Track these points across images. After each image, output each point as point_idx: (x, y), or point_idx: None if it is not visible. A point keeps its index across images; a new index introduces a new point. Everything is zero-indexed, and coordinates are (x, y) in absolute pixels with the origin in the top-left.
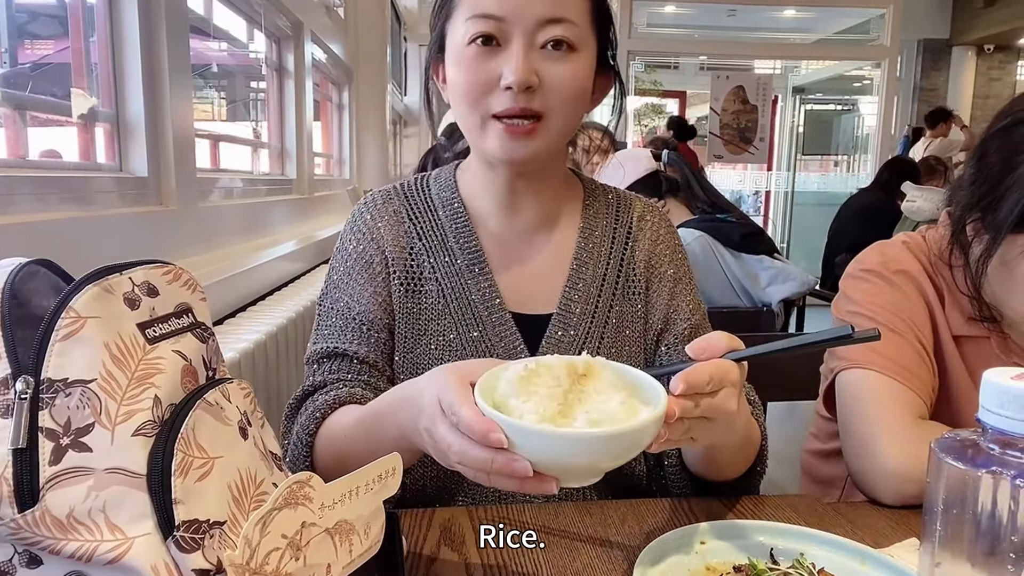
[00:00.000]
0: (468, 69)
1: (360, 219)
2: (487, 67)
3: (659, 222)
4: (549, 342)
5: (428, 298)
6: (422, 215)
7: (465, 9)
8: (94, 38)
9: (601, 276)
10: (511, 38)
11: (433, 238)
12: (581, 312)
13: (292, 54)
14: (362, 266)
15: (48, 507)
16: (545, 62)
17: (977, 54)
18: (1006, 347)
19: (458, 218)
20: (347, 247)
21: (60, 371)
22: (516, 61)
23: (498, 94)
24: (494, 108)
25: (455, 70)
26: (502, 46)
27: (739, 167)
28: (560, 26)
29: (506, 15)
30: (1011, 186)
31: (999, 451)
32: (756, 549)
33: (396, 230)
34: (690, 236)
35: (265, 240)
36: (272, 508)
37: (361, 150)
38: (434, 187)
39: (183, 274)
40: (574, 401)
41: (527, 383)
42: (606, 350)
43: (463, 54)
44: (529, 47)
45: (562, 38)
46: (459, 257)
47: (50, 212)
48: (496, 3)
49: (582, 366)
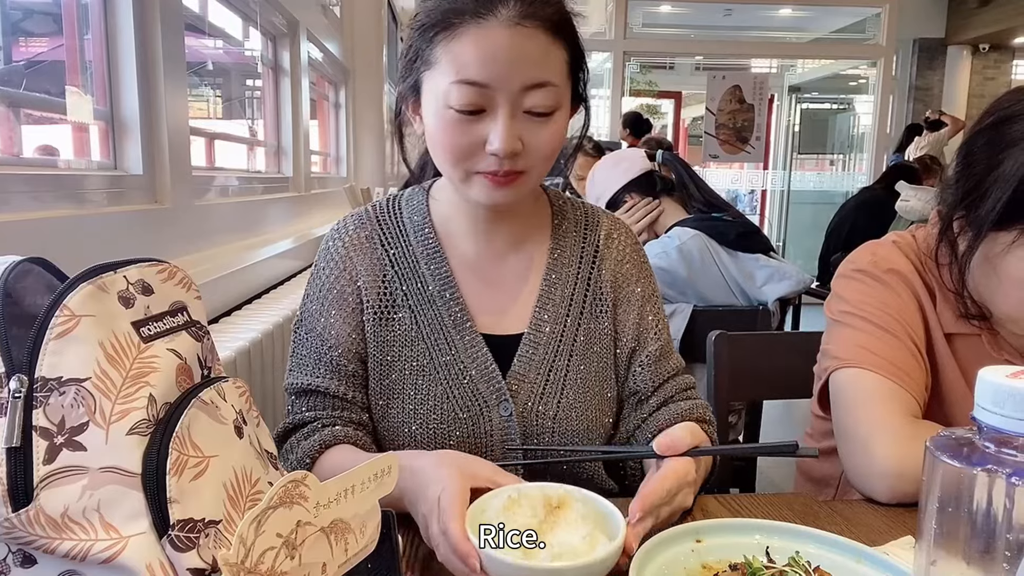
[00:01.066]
0: (452, 133)
1: (334, 248)
2: (471, 131)
3: (625, 240)
4: (520, 361)
5: (401, 325)
6: (394, 240)
7: (448, 69)
8: (89, 35)
9: (570, 296)
10: (496, 105)
11: (405, 264)
12: (551, 331)
13: (288, 52)
14: (335, 296)
15: (42, 506)
16: (528, 126)
17: (972, 53)
18: (997, 344)
19: (429, 243)
20: (321, 276)
21: (54, 370)
22: (502, 131)
23: (483, 156)
24: (478, 168)
25: (436, 127)
26: (486, 111)
27: (735, 166)
28: (543, 91)
29: (491, 83)
30: (993, 183)
31: (994, 449)
32: (752, 547)
33: (369, 258)
34: (686, 235)
35: (261, 238)
36: (267, 507)
37: (358, 148)
38: (405, 210)
39: (178, 272)
40: (547, 531)
41: (509, 511)
42: (575, 368)
43: (445, 116)
44: (513, 114)
45: (543, 108)
46: (430, 283)
47: (44, 210)
48: (482, 70)
49: (556, 499)
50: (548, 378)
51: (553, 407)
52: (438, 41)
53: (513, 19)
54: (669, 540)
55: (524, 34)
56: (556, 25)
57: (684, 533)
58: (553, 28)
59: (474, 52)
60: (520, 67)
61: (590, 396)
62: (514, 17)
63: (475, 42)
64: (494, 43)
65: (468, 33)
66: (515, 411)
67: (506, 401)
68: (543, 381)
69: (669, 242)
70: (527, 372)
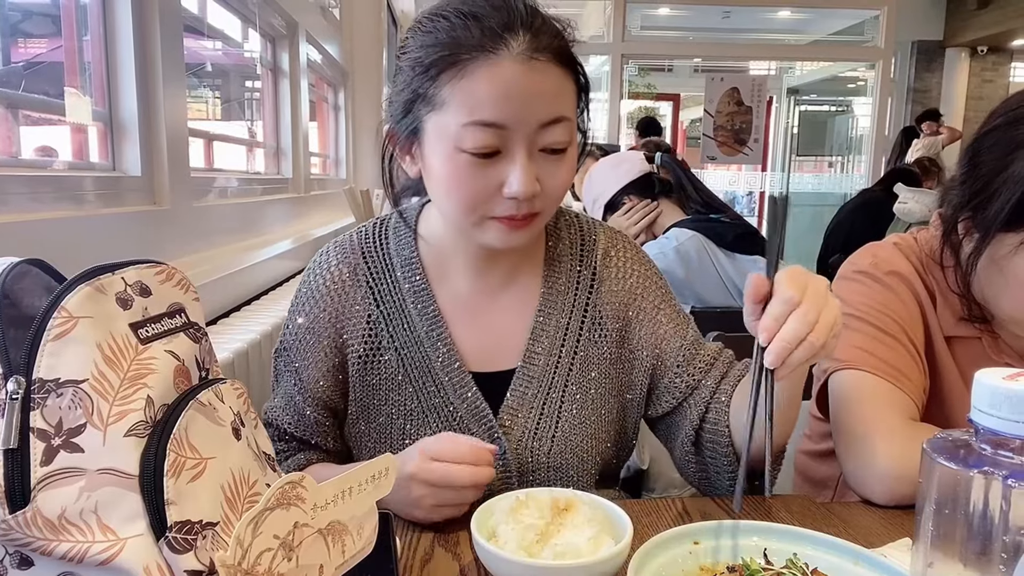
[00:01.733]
0: (465, 178)
1: (315, 285)
2: (486, 175)
3: (625, 254)
4: (513, 396)
5: (387, 368)
6: (379, 276)
7: (459, 111)
8: (87, 37)
9: (564, 325)
10: (512, 145)
11: (391, 303)
12: (544, 364)
13: (287, 54)
14: (312, 340)
15: (39, 508)
16: (544, 164)
17: (970, 56)
18: (997, 347)
19: (416, 280)
20: (301, 312)
21: (52, 371)
22: (522, 174)
23: (499, 200)
24: (494, 213)
25: (445, 172)
26: (501, 152)
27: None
28: (559, 127)
29: (508, 122)
30: (1002, 185)
31: (991, 451)
32: (750, 549)
33: (353, 296)
34: (683, 236)
35: (260, 239)
36: (264, 508)
37: (357, 150)
38: (392, 242)
39: (176, 274)
40: (553, 532)
41: (516, 512)
42: (570, 398)
43: (458, 160)
44: (531, 153)
45: (560, 144)
46: (418, 324)
47: (42, 211)
48: (497, 110)
49: (564, 501)
50: (542, 412)
51: (547, 442)
52: (444, 80)
53: (525, 53)
54: (666, 542)
55: (538, 68)
56: (566, 57)
57: (681, 535)
58: (564, 60)
59: (488, 90)
60: (536, 104)
61: (587, 423)
62: (526, 51)
63: (488, 79)
64: (508, 80)
65: (479, 70)
66: (509, 448)
67: (499, 439)
68: (537, 416)
69: (667, 243)
70: (520, 407)
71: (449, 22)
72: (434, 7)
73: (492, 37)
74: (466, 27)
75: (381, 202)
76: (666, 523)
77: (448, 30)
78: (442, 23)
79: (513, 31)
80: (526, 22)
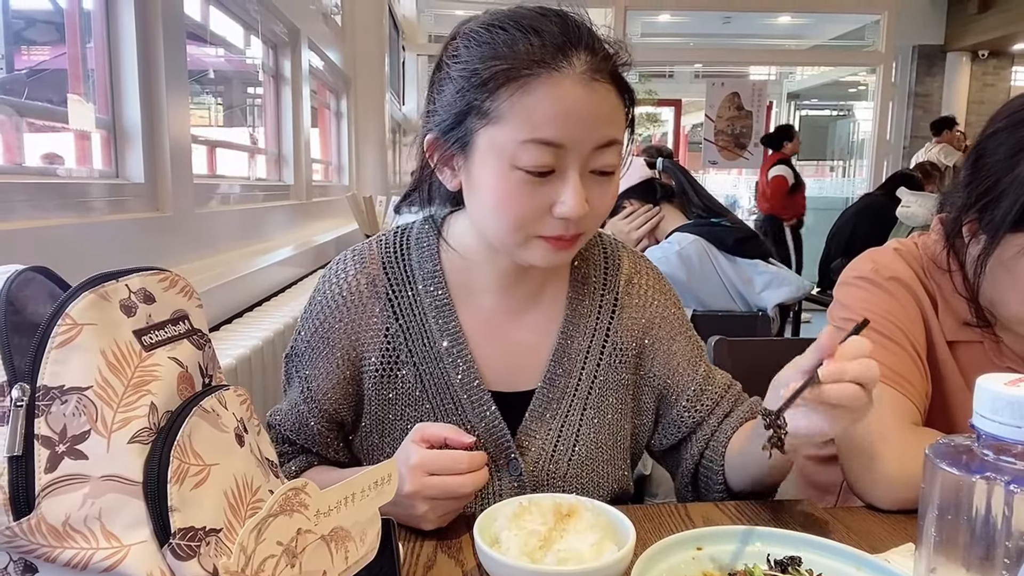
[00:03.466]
0: (519, 196)
1: (331, 295)
2: (538, 193)
3: (647, 283)
4: (532, 417)
5: (405, 384)
6: (400, 289)
7: (519, 127)
8: (91, 44)
9: (586, 349)
10: (566, 165)
11: (411, 318)
12: (564, 386)
13: (289, 61)
14: (325, 351)
15: (44, 515)
16: (592, 187)
17: (971, 60)
18: (999, 351)
19: (439, 295)
20: (315, 321)
21: (56, 378)
22: (575, 194)
23: (548, 220)
24: (542, 232)
25: (497, 188)
26: (555, 172)
27: (734, 172)
28: (611, 150)
29: (566, 142)
30: (1009, 186)
31: (993, 457)
32: (753, 555)
33: (371, 309)
34: (685, 240)
35: (262, 246)
36: (267, 515)
37: (360, 157)
38: (415, 253)
39: (179, 281)
40: (556, 538)
41: (519, 518)
42: (588, 422)
43: (512, 178)
44: (583, 175)
45: (611, 167)
46: (438, 339)
47: (46, 219)
48: (558, 129)
49: (566, 507)
50: (560, 434)
51: (564, 465)
52: (503, 94)
53: (587, 74)
54: (670, 548)
55: (599, 90)
56: (620, 79)
57: (685, 541)
58: (618, 83)
59: (550, 108)
60: (595, 126)
61: (604, 448)
62: (587, 72)
63: (551, 97)
64: (570, 100)
65: (542, 87)
66: (525, 469)
67: (515, 460)
68: (554, 438)
69: (669, 247)
70: (538, 429)
71: (508, 34)
72: (488, 18)
73: (555, 54)
74: (528, 41)
75: (384, 208)
76: (669, 529)
77: (508, 43)
78: (501, 35)
79: (575, 49)
80: (587, 42)
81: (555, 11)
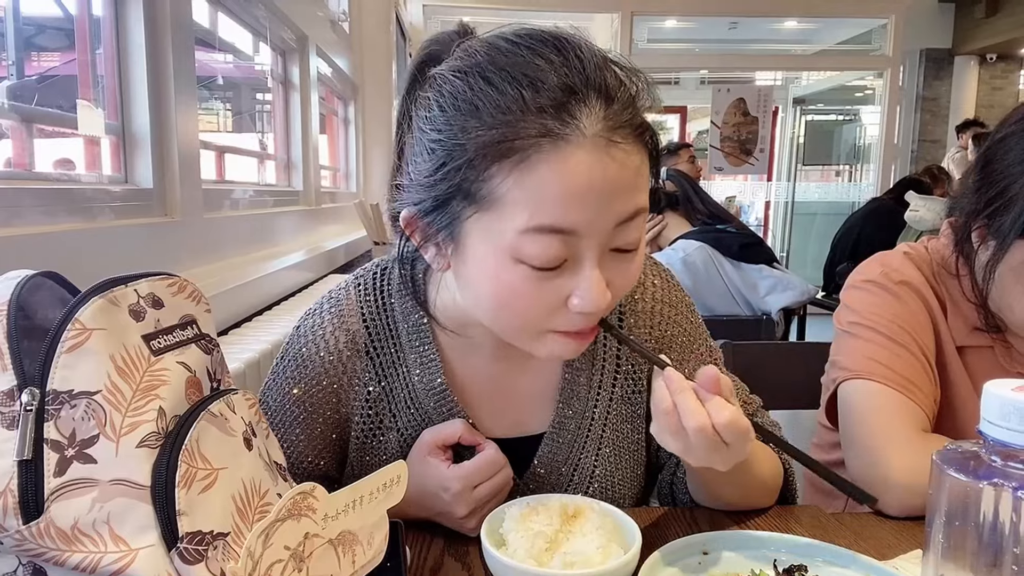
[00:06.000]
0: (524, 295)
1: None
2: (549, 288)
3: (654, 294)
4: (541, 462)
5: (387, 451)
6: (382, 345)
7: (518, 214)
8: (100, 50)
9: (597, 383)
10: (583, 253)
11: (394, 378)
12: (576, 428)
13: (297, 67)
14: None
15: (52, 519)
16: (614, 266)
17: (979, 64)
18: (1009, 357)
19: (426, 351)
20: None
21: (65, 383)
22: (594, 288)
23: (563, 313)
24: (555, 327)
25: (496, 287)
26: (568, 261)
27: (739, 178)
28: (635, 222)
29: (580, 228)
30: (1019, 192)
31: (1000, 463)
32: (759, 560)
33: (352, 368)
34: (690, 247)
35: (271, 251)
36: (275, 520)
37: (367, 163)
38: (398, 303)
39: (188, 286)
40: (562, 540)
41: (526, 519)
42: (604, 460)
43: (514, 274)
44: (602, 259)
45: (637, 243)
46: (423, 400)
47: (56, 224)
48: (571, 214)
49: (573, 508)
50: (572, 478)
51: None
52: (496, 173)
53: (602, 134)
54: (676, 552)
55: (617, 156)
56: (644, 127)
57: (691, 545)
58: (642, 134)
59: (557, 190)
60: (615, 200)
61: (622, 484)
62: (602, 131)
63: (557, 175)
64: (583, 175)
65: (546, 161)
66: None
67: None
68: (566, 481)
69: (674, 254)
70: (548, 474)
71: (496, 90)
72: (467, 61)
73: (558, 113)
74: (521, 100)
75: None
76: (675, 532)
77: (497, 105)
78: (487, 92)
79: (584, 101)
80: (598, 84)
81: (553, 41)
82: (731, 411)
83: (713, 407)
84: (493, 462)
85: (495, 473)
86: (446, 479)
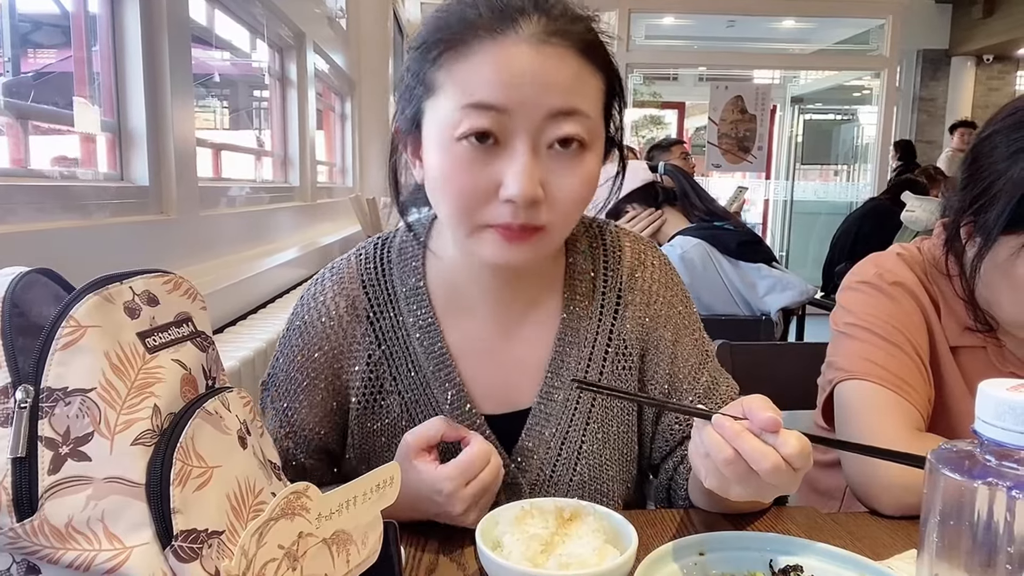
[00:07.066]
0: (459, 172)
1: (310, 320)
2: (483, 171)
3: (652, 275)
4: (529, 436)
5: (390, 414)
6: (381, 310)
7: (455, 92)
8: (97, 47)
9: (587, 356)
10: (513, 136)
11: (394, 342)
12: (564, 400)
13: (294, 64)
14: (308, 380)
15: (47, 516)
16: (553, 166)
17: (976, 64)
18: (1002, 356)
19: (422, 314)
20: (292, 349)
21: (60, 380)
22: (520, 171)
23: (495, 204)
24: (489, 220)
25: (440, 165)
26: (501, 143)
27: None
28: (572, 120)
29: (510, 106)
30: (1003, 187)
31: (995, 462)
32: (755, 560)
33: (352, 333)
34: (688, 244)
35: (268, 247)
36: (269, 519)
37: (364, 159)
38: (397, 269)
39: (183, 283)
40: (558, 542)
41: (521, 522)
42: (591, 437)
43: (452, 151)
44: (535, 149)
45: (574, 136)
46: (424, 363)
47: (51, 221)
48: (498, 90)
49: (569, 510)
50: (560, 452)
51: (566, 485)
52: (443, 61)
53: (538, 36)
54: (672, 553)
55: (551, 54)
56: (588, 45)
57: (687, 546)
58: (585, 48)
59: (490, 72)
60: (546, 90)
61: (608, 466)
62: (538, 34)
63: (491, 60)
64: (515, 62)
65: (482, 51)
66: (525, 491)
67: (514, 483)
68: (554, 457)
69: (671, 251)
70: (536, 448)
71: (459, 4)
72: None
73: (501, 18)
74: (475, 7)
75: (388, 211)
76: (671, 533)
77: (457, 13)
78: (453, 7)
79: (525, 13)
80: (540, 4)
81: None
82: (794, 437)
83: (777, 442)
84: (481, 455)
85: (484, 465)
86: (437, 481)
